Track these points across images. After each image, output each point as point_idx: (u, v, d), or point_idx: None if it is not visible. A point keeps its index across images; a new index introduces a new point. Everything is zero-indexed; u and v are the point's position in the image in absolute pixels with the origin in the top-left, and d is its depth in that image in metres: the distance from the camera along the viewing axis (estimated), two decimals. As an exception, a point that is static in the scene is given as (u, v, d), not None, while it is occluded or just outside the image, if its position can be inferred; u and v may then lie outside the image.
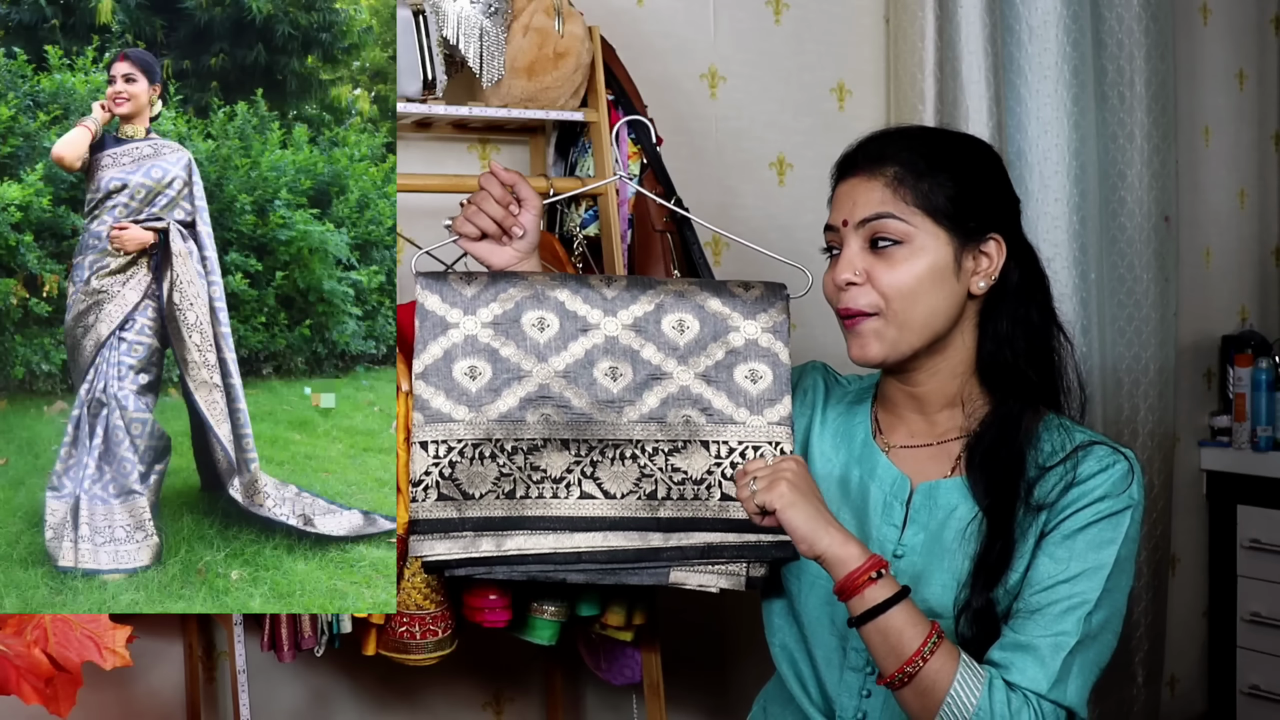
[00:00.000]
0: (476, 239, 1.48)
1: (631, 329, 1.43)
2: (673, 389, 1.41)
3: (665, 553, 1.37)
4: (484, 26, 1.83)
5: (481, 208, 1.47)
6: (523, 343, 1.41)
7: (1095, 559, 1.28)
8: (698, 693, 2.36)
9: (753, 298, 1.45)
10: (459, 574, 1.37)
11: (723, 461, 1.38)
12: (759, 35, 2.45)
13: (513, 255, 1.48)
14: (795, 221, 2.45)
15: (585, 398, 1.40)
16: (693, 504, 1.37)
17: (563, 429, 1.38)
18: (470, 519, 1.35)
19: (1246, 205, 3.25)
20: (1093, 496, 1.29)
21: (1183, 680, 3.13)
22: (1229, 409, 3.11)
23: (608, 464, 1.38)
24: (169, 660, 1.98)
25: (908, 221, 1.33)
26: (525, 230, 1.47)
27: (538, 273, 1.46)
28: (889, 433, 1.43)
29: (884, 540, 1.37)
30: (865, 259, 1.34)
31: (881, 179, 1.34)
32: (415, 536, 1.35)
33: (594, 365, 1.41)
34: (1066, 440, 1.34)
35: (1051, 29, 2.62)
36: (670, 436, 1.39)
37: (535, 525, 1.35)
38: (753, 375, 1.42)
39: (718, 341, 1.43)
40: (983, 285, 1.36)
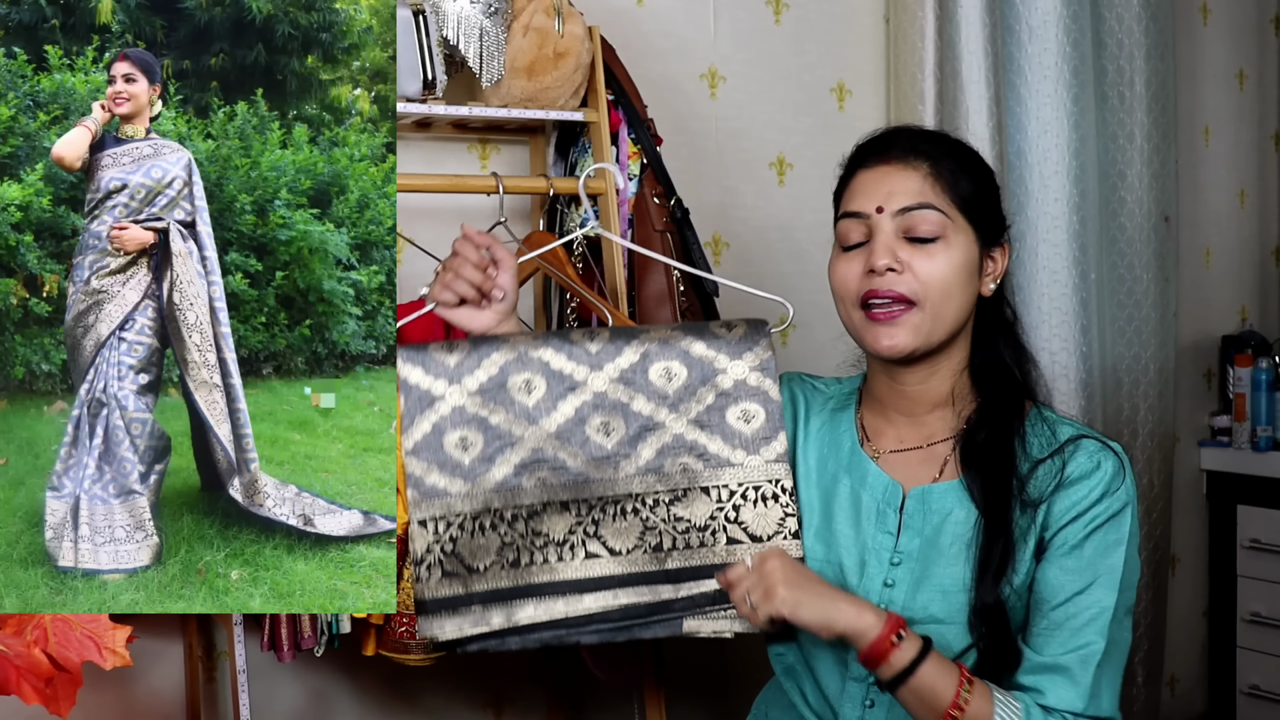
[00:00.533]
0: (454, 306, 1.44)
1: (619, 382, 1.41)
2: (667, 438, 1.39)
3: (677, 603, 1.36)
4: (484, 26, 1.83)
5: (459, 273, 1.43)
6: (511, 408, 1.38)
7: (1106, 565, 1.28)
8: (698, 693, 2.36)
9: (736, 337, 1.43)
10: (472, 649, 1.35)
11: (725, 505, 1.37)
12: (759, 35, 2.45)
13: (492, 318, 1.45)
14: (795, 221, 2.45)
15: (580, 457, 1.38)
16: (699, 551, 1.36)
17: (561, 491, 1.37)
18: (477, 593, 1.33)
19: (1246, 205, 3.25)
20: (1090, 500, 1.29)
21: (1183, 680, 3.13)
22: (1229, 409, 3.11)
23: (610, 521, 1.36)
24: (169, 660, 1.98)
25: (946, 214, 1.32)
26: (505, 292, 1.44)
27: (518, 334, 1.44)
28: (876, 439, 1.43)
29: (880, 548, 1.36)
30: (901, 248, 1.32)
31: (919, 170, 1.33)
32: (423, 616, 1.33)
33: (585, 423, 1.39)
34: (1052, 433, 1.35)
35: (1051, 29, 2.62)
36: (670, 486, 1.38)
37: (543, 592, 1.34)
38: (745, 415, 1.41)
39: (706, 385, 1.41)
40: (992, 288, 1.37)
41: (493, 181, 1.83)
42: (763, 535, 1.37)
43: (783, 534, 1.37)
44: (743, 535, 1.37)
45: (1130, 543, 1.30)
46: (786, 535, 1.37)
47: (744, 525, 1.37)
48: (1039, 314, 2.63)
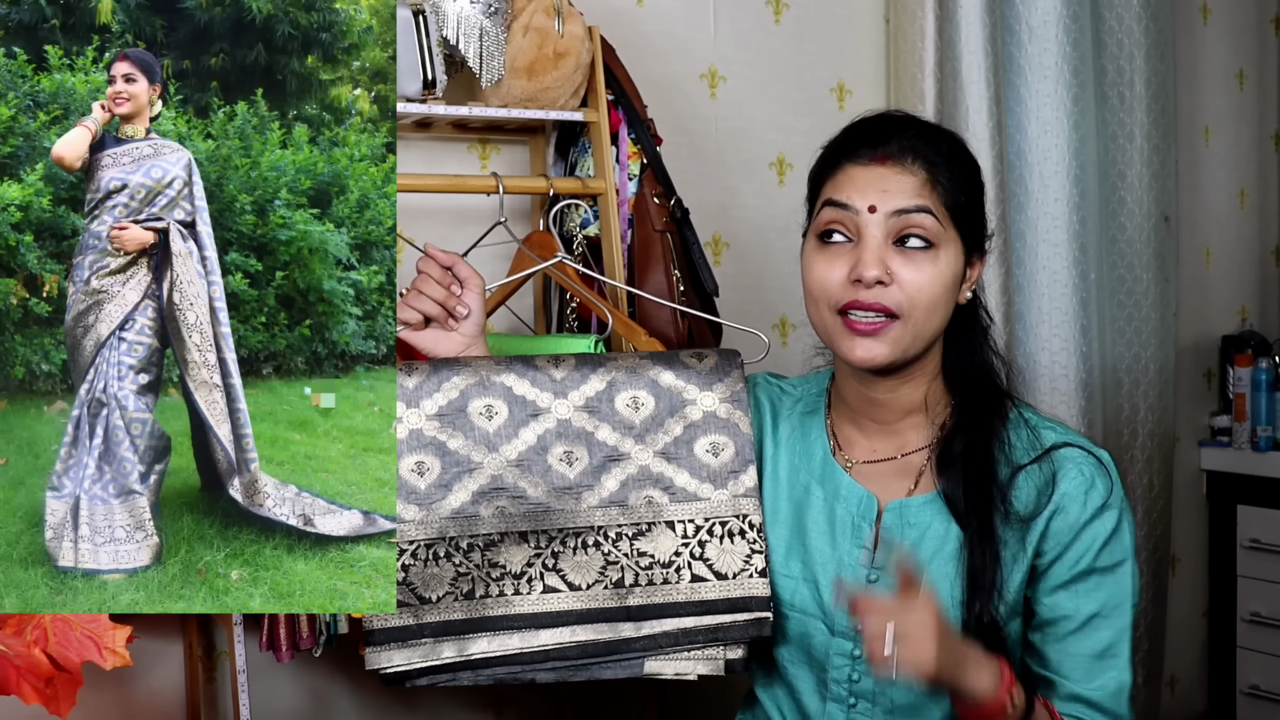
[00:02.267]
0: (420, 327, 1.42)
1: (584, 410, 1.36)
2: (632, 469, 1.34)
3: (638, 642, 1.30)
4: (484, 26, 1.83)
5: (422, 290, 1.40)
6: (471, 433, 1.34)
7: (1115, 583, 1.28)
8: (698, 693, 2.35)
9: (707, 368, 1.39)
10: (420, 684, 1.31)
11: (690, 541, 1.32)
12: (759, 35, 2.45)
13: (460, 341, 1.42)
14: (795, 221, 2.44)
15: (541, 486, 1.33)
16: (662, 589, 1.31)
17: (520, 520, 1.31)
18: (428, 624, 1.28)
19: (1246, 205, 3.25)
20: (1086, 518, 1.27)
21: (1183, 680, 3.13)
22: (1229, 409, 3.11)
23: (570, 554, 1.31)
24: (169, 660, 1.98)
25: (940, 221, 1.25)
26: (470, 310, 1.41)
27: (481, 358, 1.40)
28: (849, 448, 1.38)
29: (855, 563, 1.32)
30: (890, 256, 1.25)
31: (917, 172, 1.26)
32: (371, 648, 1.28)
33: (548, 451, 1.34)
34: (1035, 437, 1.31)
35: (1051, 29, 2.62)
36: (633, 520, 1.33)
37: (498, 625, 1.29)
38: (714, 448, 1.36)
39: (674, 416, 1.37)
40: (968, 296, 1.33)
41: (493, 181, 1.83)
42: (728, 573, 1.32)
43: (749, 572, 1.32)
44: (708, 572, 1.32)
45: (1132, 553, 1.29)
46: (753, 573, 1.32)
47: (709, 562, 1.32)
48: (1039, 314, 2.63)
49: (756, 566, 1.32)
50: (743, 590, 1.32)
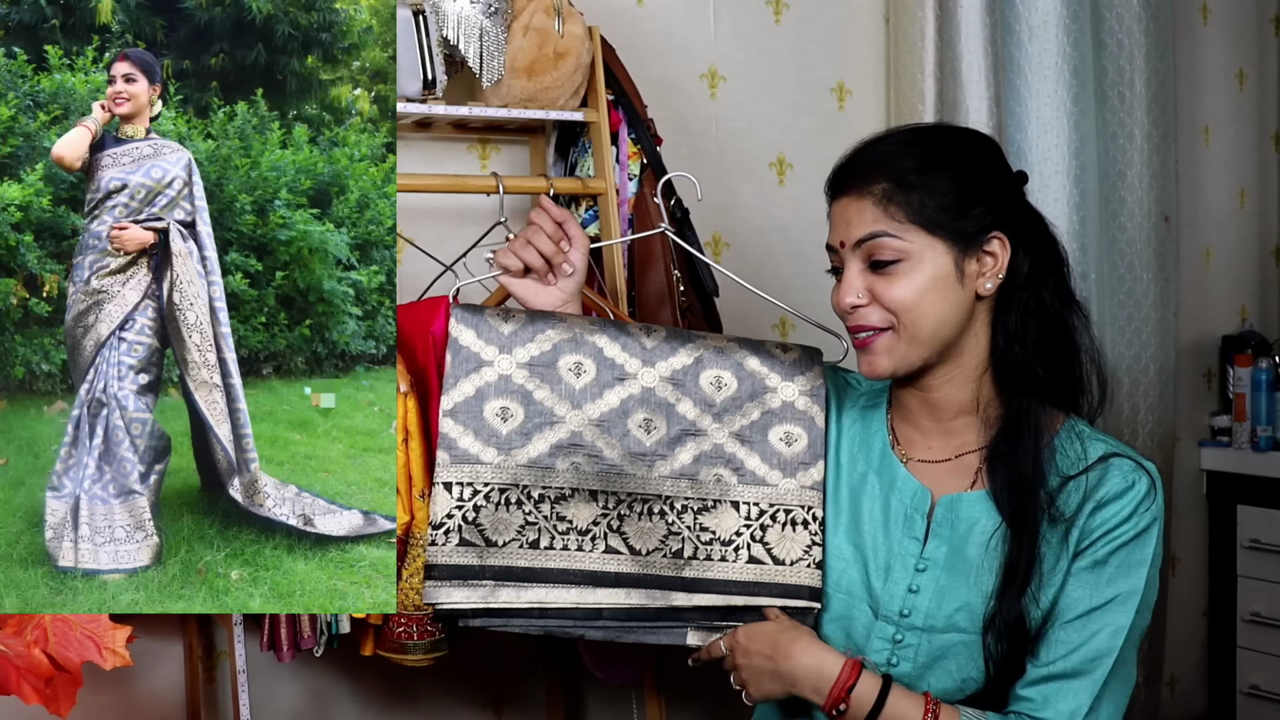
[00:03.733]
0: (520, 275, 1.45)
1: (669, 381, 1.40)
2: (706, 446, 1.38)
3: (686, 613, 1.34)
4: (484, 26, 1.83)
5: (532, 241, 1.42)
6: (558, 387, 1.37)
7: (1126, 584, 1.27)
8: (698, 693, 2.35)
9: (790, 359, 1.43)
10: (474, 624, 1.33)
11: (753, 524, 1.36)
12: (759, 35, 2.45)
13: (558, 296, 1.45)
14: (795, 221, 2.45)
15: (617, 449, 1.36)
16: (719, 565, 1.34)
17: (592, 479, 1.35)
18: (491, 567, 1.31)
19: (1246, 205, 3.25)
20: (1118, 519, 1.27)
21: (1183, 680, 3.13)
22: (1229, 409, 3.11)
23: (635, 519, 1.34)
24: (169, 660, 1.98)
25: (901, 238, 1.29)
26: (574, 268, 1.44)
27: (576, 315, 1.42)
28: (906, 446, 1.41)
29: (905, 554, 1.35)
30: (866, 278, 1.32)
31: (870, 197, 1.31)
32: (431, 582, 1.30)
33: (628, 416, 1.37)
34: (1083, 449, 1.32)
35: (1051, 29, 2.62)
36: (700, 494, 1.36)
37: (558, 579, 1.32)
38: (788, 438, 1.40)
39: (754, 401, 1.41)
40: (989, 286, 1.33)
41: (493, 181, 1.83)
42: (786, 559, 1.35)
43: (807, 561, 1.36)
44: (765, 555, 1.35)
45: (1153, 564, 1.28)
46: (811, 564, 1.35)
47: (768, 546, 1.35)
48: (1039, 314, 2.63)
49: (815, 558, 1.36)
50: (797, 579, 1.35)
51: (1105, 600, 1.27)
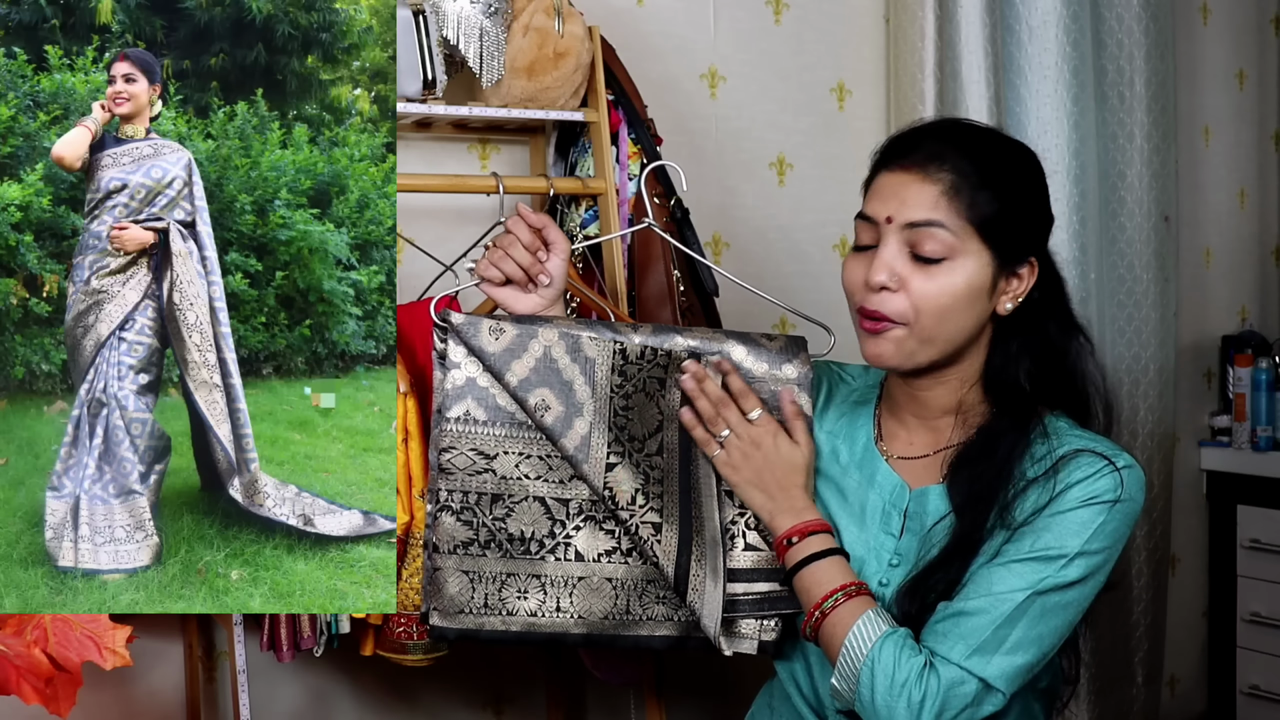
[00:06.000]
0: (500, 284, 1.44)
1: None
2: None
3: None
4: (484, 26, 1.83)
5: (508, 252, 1.41)
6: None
7: (1056, 541, 1.22)
8: (698, 693, 2.35)
9: (776, 348, 1.43)
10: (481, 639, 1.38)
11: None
12: (759, 35, 2.45)
13: (537, 302, 1.44)
14: (795, 221, 2.44)
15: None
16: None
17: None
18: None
19: (1246, 205, 3.25)
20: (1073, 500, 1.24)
21: (1183, 680, 3.13)
22: (1229, 409, 3.11)
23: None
24: (169, 660, 1.98)
25: (956, 235, 1.25)
26: (552, 278, 1.43)
27: (561, 318, 1.43)
28: (890, 440, 1.41)
29: (880, 549, 1.35)
30: (903, 264, 1.27)
31: (939, 182, 1.26)
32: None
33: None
34: (1053, 450, 1.29)
35: (1051, 29, 2.62)
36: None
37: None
38: None
39: None
40: (1009, 307, 1.32)
41: (493, 181, 1.83)
42: None
43: None
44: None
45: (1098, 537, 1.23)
46: None
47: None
48: (1039, 314, 2.63)
49: None
50: None
51: (1031, 551, 1.22)
